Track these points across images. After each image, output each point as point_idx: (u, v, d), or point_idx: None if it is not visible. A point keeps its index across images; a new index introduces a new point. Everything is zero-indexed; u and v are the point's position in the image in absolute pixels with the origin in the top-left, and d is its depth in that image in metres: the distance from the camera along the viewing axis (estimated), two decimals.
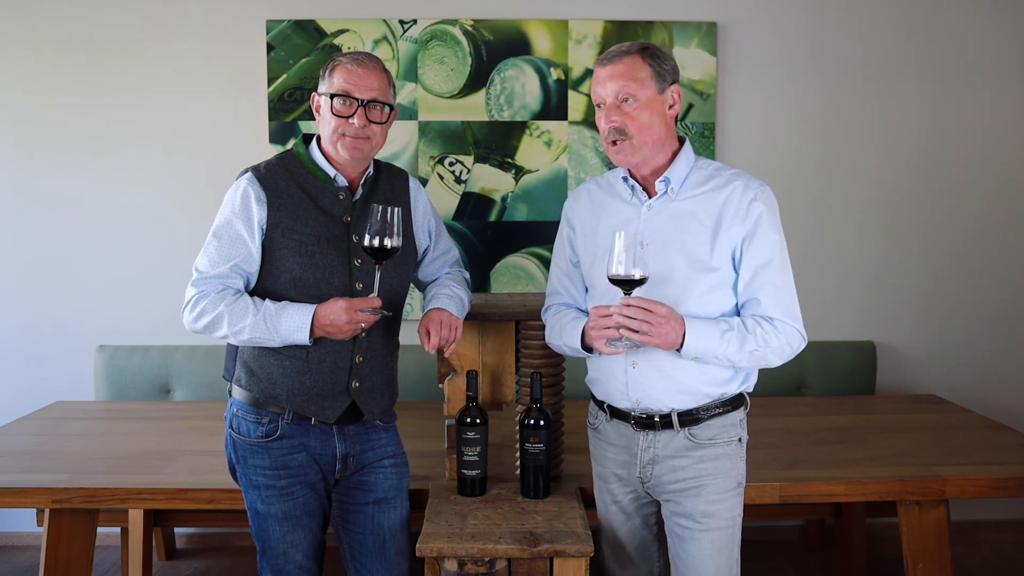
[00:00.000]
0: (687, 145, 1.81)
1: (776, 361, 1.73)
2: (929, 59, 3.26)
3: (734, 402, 1.80)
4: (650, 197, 1.79)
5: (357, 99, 1.80)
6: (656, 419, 1.78)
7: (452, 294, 1.98)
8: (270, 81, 3.16)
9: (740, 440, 1.81)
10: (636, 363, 1.77)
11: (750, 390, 1.84)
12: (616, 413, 1.84)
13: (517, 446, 2.07)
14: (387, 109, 1.85)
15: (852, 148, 3.29)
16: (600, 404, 1.89)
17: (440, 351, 1.95)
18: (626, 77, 1.69)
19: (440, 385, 2.14)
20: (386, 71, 1.86)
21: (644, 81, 1.69)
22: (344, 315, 1.74)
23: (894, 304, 3.36)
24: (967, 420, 2.75)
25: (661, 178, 1.76)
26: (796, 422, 2.73)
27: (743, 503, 1.84)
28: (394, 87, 1.90)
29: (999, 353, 3.38)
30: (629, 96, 1.70)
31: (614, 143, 1.73)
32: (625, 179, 1.82)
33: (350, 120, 1.80)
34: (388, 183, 1.96)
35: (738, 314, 1.76)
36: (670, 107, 1.74)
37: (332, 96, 1.80)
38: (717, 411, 1.78)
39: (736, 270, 1.74)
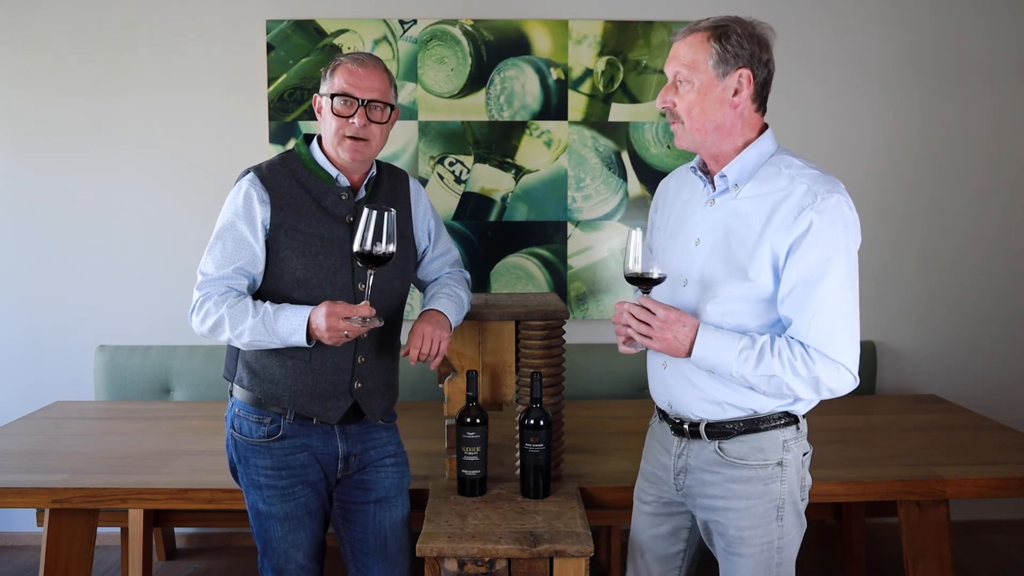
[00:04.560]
0: (764, 137, 1.63)
1: (807, 394, 1.57)
2: (930, 60, 3.26)
3: (774, 421, 1.64)
4: (715, 191, 1.66)
5: (357, 99, 1.79)
6: (686, 427, 1.70)
7: (451, 294, 1.97)
8: (270, 81, 3.16)
9: (781, 463, 1.64)
10: (666, 364, 1.71)
11: (800, 412, 1.65)
12: (663, 414, 1.79)
13: (517, 446, 2.07)
14: (388, 109, 1.84)
15: (852, 148, 3.29)
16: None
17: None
18: (682, 60, 1.59)
19: (440, 385, 2.14)
20: (387, 71, 1.86)
21: (700, 65, 1.56)
22: (324, 321, 1.70)
23: (894, 304, 3.35)
24: (967, 420, 2.75)
25: (720, 173, 1.63)
26: None
27: (800, 524, 1.70)
28: (395, 88, 1.89)
29: (999, 353, 3.38)
30: (683, 79, 1.59)
31: (672, 124, 1.65)
32: (694, 169, 1.71)
33: (350, 120, 1.79)
34: (390, 184, 1.96)
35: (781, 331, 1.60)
36: (735, 93, 1.57)
37: (333, 96, 1.79)
38: (751, 428, 1.63)
39: (778, 283, 1.57)
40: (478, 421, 2.00)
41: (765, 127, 1.65)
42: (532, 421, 1.98)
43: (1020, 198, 3.34)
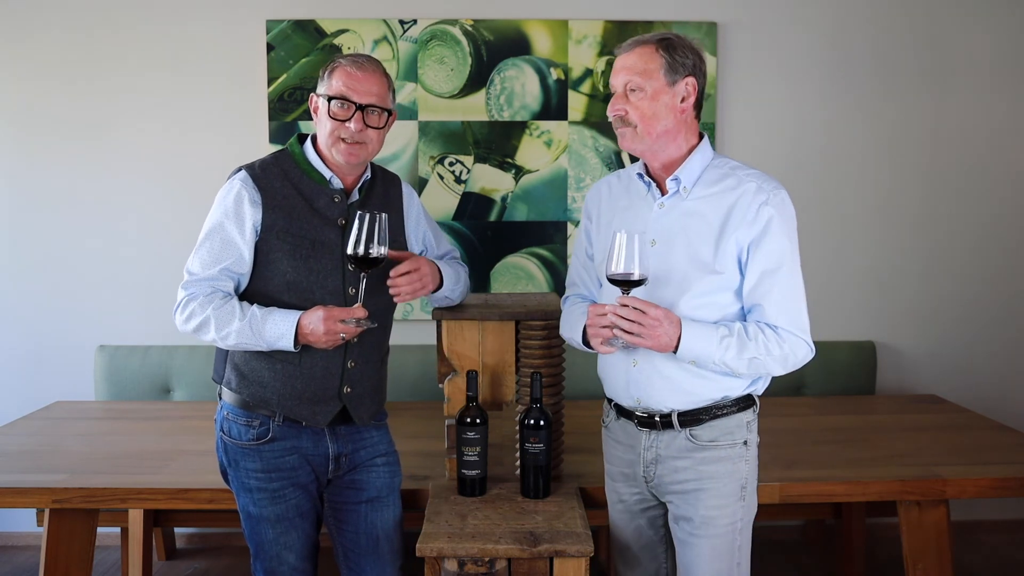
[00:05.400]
0: (704, 143, 1.77)
1: (778, 370, 1.70)
2: (930, 59, 3.26)
3: (739, 404, 1.76)
4: (663, 195, 1.76)
5: (355, 103, 1.77)
6: (657, 419, 1.76)
7: (453, 267, 2.00)
8: (270, 81, 3.16)
9: (746, 443, 1.77)
10: (636, 362, 1.76)
11: (759, 392, 1.80)
12: (622, 411, 1.83)
13: (517, 446, 2.07)
14: (385, 115, 1.83)
15: (852, 148, 3.29)
16: (609, 401, 1.88)
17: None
18: (633, 69, 1.69)
19: (440, 385, 2.14)
20: (386, 75, 1.84)
21: (652, 72, 1.68)
22: (321, 325, 1.71)
23: (894, 304, 3.35)
24: (967, 420, 2.75)
25: (672, 176, 1.74)
26: (796, 422, 2.73)
27: (754, 505, 1.81)
28: (393, 91, 1.88)
29: (999, 353, 3.38)
30: (636, 87, 1.69)
31: (620, 129, 1.74)
32: (640, 176, 1.80)
33: (347, 124, 1.77)
34: (383, 188, 1.95)
35: (744, 320, 1.73)
36: (682, 100, 1.70)
37: (330, 99, 1.78)
38: (719, 413, 1.74)
39: (742, 274, 1.70)
40: (478, 421, 2.00)
41: (702, 135, 1.79)
42: (532, 421, 1.98)
43: (1020, 198, 3.34)
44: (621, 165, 3.22)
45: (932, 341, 3.36)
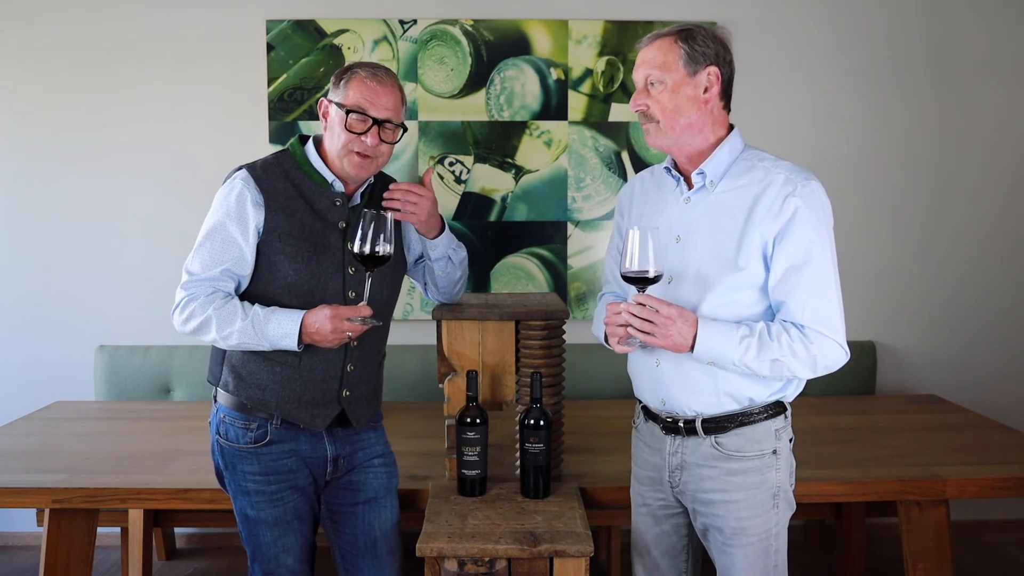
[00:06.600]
0: (734, 135, 1.70)
1: (805, 373, 1.63)
2: (930, 58, 3.26)
3: (767, 411, 1.69)
4: (691, 189, 1.71)
5: (372, 117, 1.76)
6: (681, 424, 1.72)
7: (455, 242, 2.00)
8: (270, 81, 3.16)
9: (775, 452, 1.70)
10: (660, 362, 1.72)
11: (790, 399, 1.72)
12: (649, 414, 1.80)
13: (517, 446, 2.07)
14: (399, 130, 1.82)
15: (852, 148, 3.29)
16: (639, 402, 1.85)
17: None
18: (652, 63, 1.65)
19: (440, 385, 2.14)
20: (401, 88, 1.83)
21: (671, 65, 1.63)
22: (328, 324, 1.71)
23: (894, 304, 3.35)
24: (967, 420, 2.75)
25: (697, 170, 1.68)
26: (796, 422, 2.68)
27: (791, 508, 1.74)
28: (406, 104, 1.87)
29: (999, 353, 3.38)
30: (655, 81, 1.64)
31: (644, 124, 1.70)
32: (668, 170, 1.75)
33: (362, 138, 1.76)
34: (382, 190, 1.94)
35: (772, 318, 1.66)
36: (705, 91, 1.64)
37: (347, 111, 1.76)
38: (746, 420, 1.68)
39: (767, 270, 1.63)
40: (478, 421, 1.99)
41: (731, 126, 1.72)
42: (532, 421, 1.98)
43: (1019, 198, 3.34)
44: (621, 165, 3.22)
45: (932, 341, 3.36)
